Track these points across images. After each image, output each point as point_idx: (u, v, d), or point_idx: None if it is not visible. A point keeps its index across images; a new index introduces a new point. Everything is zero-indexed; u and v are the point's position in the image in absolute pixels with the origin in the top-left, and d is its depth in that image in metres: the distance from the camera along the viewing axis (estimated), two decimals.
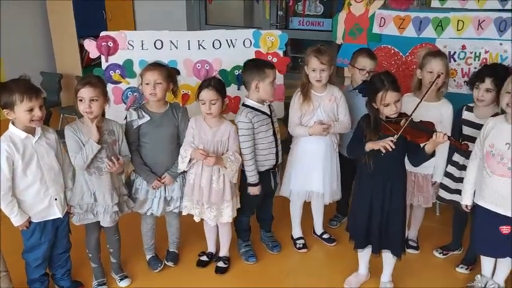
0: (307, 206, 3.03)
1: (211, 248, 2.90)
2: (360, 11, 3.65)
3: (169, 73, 2.57)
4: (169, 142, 2.60)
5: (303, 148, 2.80)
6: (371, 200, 2.36)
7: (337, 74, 4.13)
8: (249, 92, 2.66)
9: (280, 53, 3.42)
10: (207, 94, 2.47)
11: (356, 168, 2.55)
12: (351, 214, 2.54)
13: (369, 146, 2.25)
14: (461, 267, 2.77)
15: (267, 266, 2.87)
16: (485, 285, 2.52)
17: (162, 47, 3.22)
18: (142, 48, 3.18)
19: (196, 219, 2.65)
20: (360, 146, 2.31)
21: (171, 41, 3.22)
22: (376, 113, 2.30)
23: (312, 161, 2.80)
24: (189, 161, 2.51)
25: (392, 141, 2.15)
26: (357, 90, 2.81)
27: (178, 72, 2.71)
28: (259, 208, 2.95)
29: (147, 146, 2.58)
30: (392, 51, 3.58)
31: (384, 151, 2.17)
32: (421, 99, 2.22)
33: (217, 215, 2.61)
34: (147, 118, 2.55)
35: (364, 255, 2.57)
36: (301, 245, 3.01)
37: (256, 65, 2.64)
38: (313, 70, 2.66)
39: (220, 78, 2.69)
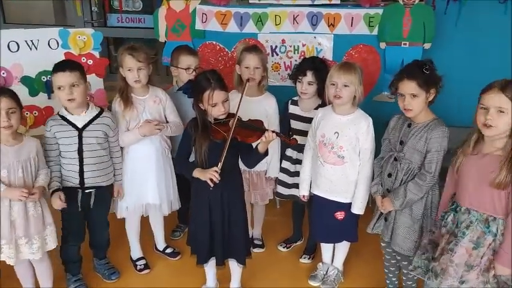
0: (144, 222, 2.75)
1: None
2: (180, 6, 3.47)
3: None
4: None
5: (133, 157, 2.54)
6: (210, 211, 2.21)
7: (166, 73, 3.93)
8: None
9: (96, 54, 3.02)
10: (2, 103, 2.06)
11: None
12: (191, 227, 2.36)
13: (196, 175, 2.14)
14: (304, 258, 2.84)
15: None
16: (327, 271, 2.61)
17: None
18: None
19: (11, 262, 2.17)
20: (187, 170, 2.19)
21: None
22: (204, 115, 2.15)
23: (143, 170, 2.55)
24: None
25: (216, 171, 2.04)
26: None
27: None
28: (92, 233, 2.58)
29: None
30: (218, 47, 3.50)
31: (211, 184, 2.05)
32: (241, 97, 2.13)
33: (41, 245, 2.21)
34: None
35: (210, 267, 2.41)
36: (142, 266, 2.74)
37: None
38: (130, 70, 2.41)
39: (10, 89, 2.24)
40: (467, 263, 1.83)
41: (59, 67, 2.27)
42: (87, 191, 2.39)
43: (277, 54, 3.43)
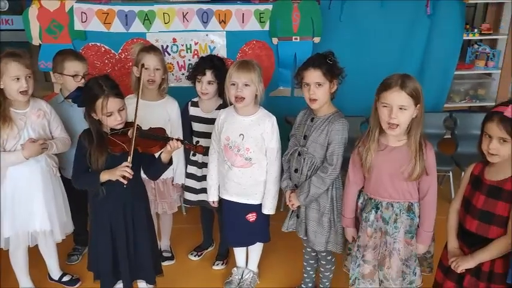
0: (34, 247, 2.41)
1: None
2: (55, 5, 3.13)
3: None
4: None
5: (14, 179, 2.20)
6: (111, 229, 2.00)
7: (46, 79, 3.53)
8: None
9: None
10: None
11: (86, 191, 2.13)
12: (91, 250, 2.12)
13: (105, 177, 1.90)
14: (217, 264, 2.74)
15: None
16: (242, 275, 2.55)
17: None
18: None
19: None
20: (91, 178, 1.93)
21: None
22: (99, 126, 1.93)
23: (28, 193, 2.23)
24: None
25: (128, 166, 1.85)
26: (70, 101, 2.38)
27: None
28: None
29: None
30: (103, 49, 3.24)
31: (125, 182, 1.85)
32: (137, 103, 1.94)
33: None
34: None
35: None
36: None
37: None
38: (17, 79, 2.09)
39: None
40: (413, 252, 1.92)
41: None
42: None
43: (169, 54, 3.29)
